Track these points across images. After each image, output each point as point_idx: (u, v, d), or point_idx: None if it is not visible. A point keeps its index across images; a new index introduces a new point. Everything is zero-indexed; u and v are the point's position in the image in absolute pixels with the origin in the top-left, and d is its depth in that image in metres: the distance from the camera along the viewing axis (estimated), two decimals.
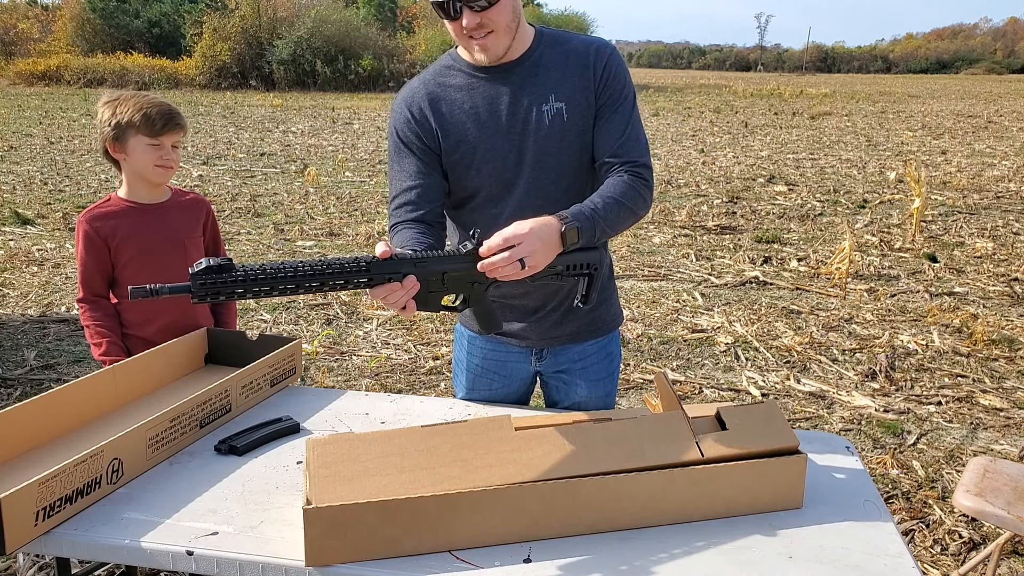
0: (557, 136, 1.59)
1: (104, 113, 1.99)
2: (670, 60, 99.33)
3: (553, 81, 1.58)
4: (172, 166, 2.03)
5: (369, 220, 7.47)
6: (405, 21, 36.12)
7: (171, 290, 1.18)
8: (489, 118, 1.60)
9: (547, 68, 1.59)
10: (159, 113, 1.97)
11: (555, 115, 1.58)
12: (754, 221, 7.63)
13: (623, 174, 1.57)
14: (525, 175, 1.61)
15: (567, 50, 1.60)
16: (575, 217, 1.42)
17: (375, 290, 1.31)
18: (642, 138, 1.63)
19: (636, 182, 1.57)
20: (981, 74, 65.64)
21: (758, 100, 26.22)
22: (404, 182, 1.62)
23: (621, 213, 1.52)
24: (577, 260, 1.49)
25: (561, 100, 1.58)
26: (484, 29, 1.49)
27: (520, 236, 1.34)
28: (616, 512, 1.33)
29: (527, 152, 1.60)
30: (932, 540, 2.65)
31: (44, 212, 7.62)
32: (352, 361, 4.15)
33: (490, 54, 1.54)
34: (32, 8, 39.69)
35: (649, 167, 1.60)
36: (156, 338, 2.00)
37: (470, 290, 1.43)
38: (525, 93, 1.58)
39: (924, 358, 4.22)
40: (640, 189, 1.57)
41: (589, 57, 1.59)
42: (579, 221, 1.42)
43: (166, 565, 1.29)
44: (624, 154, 1.59)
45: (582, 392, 1.84)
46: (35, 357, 4.11)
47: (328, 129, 15.61)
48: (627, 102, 1.61)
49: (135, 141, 1.97)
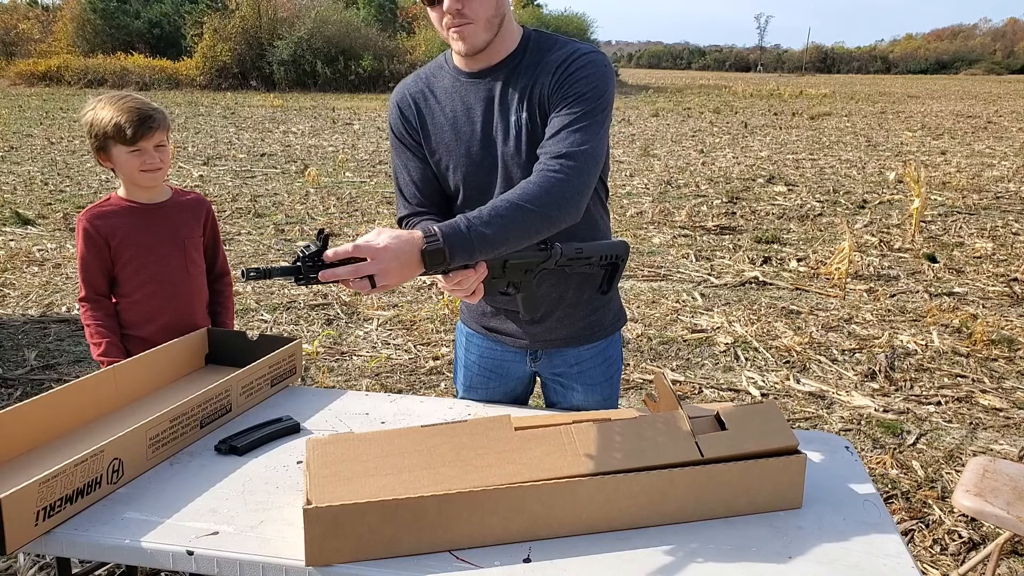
0: (524, 146, 1.56)
1: (85, 124, 1.99)
2: (670, 61, 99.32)
3: (522, 88, 1.55)
4: (159, 167, 2.01)
5: (370, 220, 7.47)
6: (405, 22, 36.11)
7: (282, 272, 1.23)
8: (465, 123, 1.60)
9: (522, 75, 1.55)
10: (129, 121, 1.92)
11: (522, 125, 1.55)
12: (754, 221, 7.63)
13: (534, 172, 1.42)
14: (498, 183, 1.61)
15: (546, 57, 1.54)
16: (446, 236, 1.28)
17: (450, 276, 1.36)
18: (583, 135, 1.43)
19: (543, 178, 1.38)
20: (980, 75, 65.66)
21: (758, 101, 26.22)
22: (404, 176, 1.70)
23: (518, 217, 1.34)
24: (606, 251, 1.61)
25: (528, 109, 1.54)
26: (464, 19, 1.47)
27: (374, 251, 1.23)
28: (616, 512, 1.33)
29: (498, 160, 1.60)
30: (932, 540, 2.65)
31: (45, 212, 7.63)
32: (352, 361, 4.15)
33: (467, 44, 1.50)
34: (33, 9, 39.67)
35: (571, 157, 1.40)
36: (155, 338, 2.00)
37: (523, 278, 1.53)
38: (499, 100, 1.57)
39: (924, 358, 4.22)
40: (550, 186, 1.37)
41: (558, 62, 1.51)
42: (449, 240, 1.28)
43: (166, 565, 1.29)
44: (548, 146, 1.44)
45: (579, 396, 1.84)
46: (36, 357, 4.11)
47: (328, 129, 15.61)
48: (581, 100, 1.45)
49: (116, 151, 1.96)
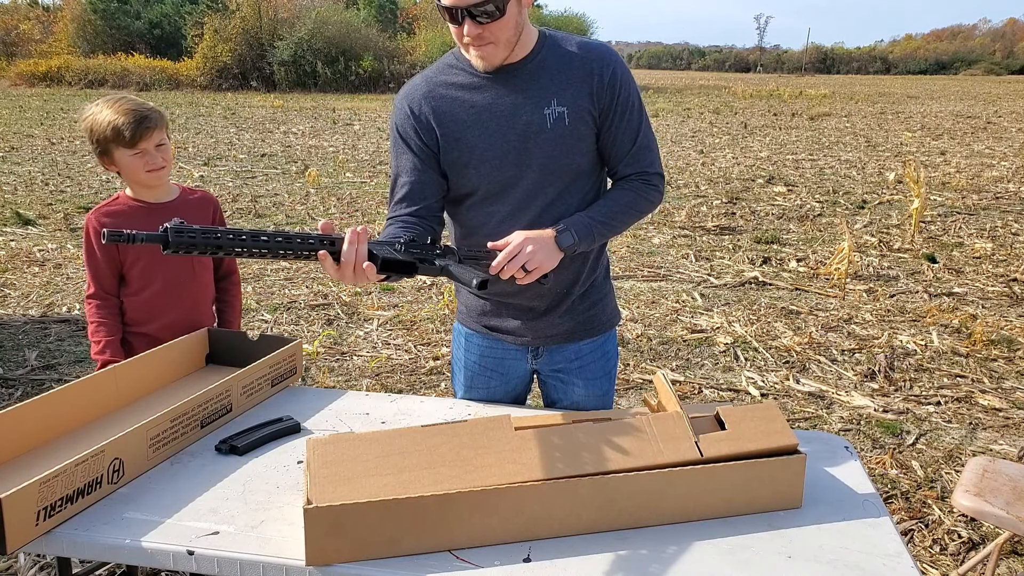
0: (559, 140, 1.60)
1: (85, 131, 1.99)
2: (670, 61, 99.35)
3: (556, 85, 1.59)
4: (162, 165, 2.02)
5: (370, 220, 7.47)
6: (405, 22, 36.12)
7: (147, 238, 1.22)
8: (490, 118, 1.61)
9: (550, 72, 1.60)
10: (127, 123, 1.93)
11: (557, 119, 1.59)
12: (753, 222, 7.64)
13: (635, 181, 1.68)
14: (528, 177, 1.62)
15: (570, 54, 1.61)
16: (571, 226, 1.57)
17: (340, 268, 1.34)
18: (653, 145, 1.70)
19: (644, 188, 1.68)
20: (980, 75, 65.65)
21: (757, 101, 26.23)
22: (402, 177, 1.68)
23: (626, 220, 1.67)
24: None
25: (563, 104, 1.59)
26: (484, 40, 1.51)
27: (519, 242, 1.48)
28: (616, 512, 1.33)
29: (530, 154, 1.61)
30: (931, 540, 2.65)
31: (45, 213, 7.63)
32: (353, 361, 4.16)
33: (487, 63, 1.57)
34: (33, 9, 39.68)
35: (661, 174, 1.70)
36: (161, 335, 2.01)
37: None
38: (527, 96, 1.59)
39: (923, 358, 4.23)
40: (647, 194, 1.68)
41: (593, 63, 1.60)
42: (575, 230, 1.57)
43: (167, 565, 1.29)
44: (635, 163, 1.67)
45: (579, 391, 1.85)
46: (36, 357, 4.11)
47: (329, 130, 15.62)
48: (634, 109, 1.65)
49: (119, 154, 1.97)
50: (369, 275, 1.34)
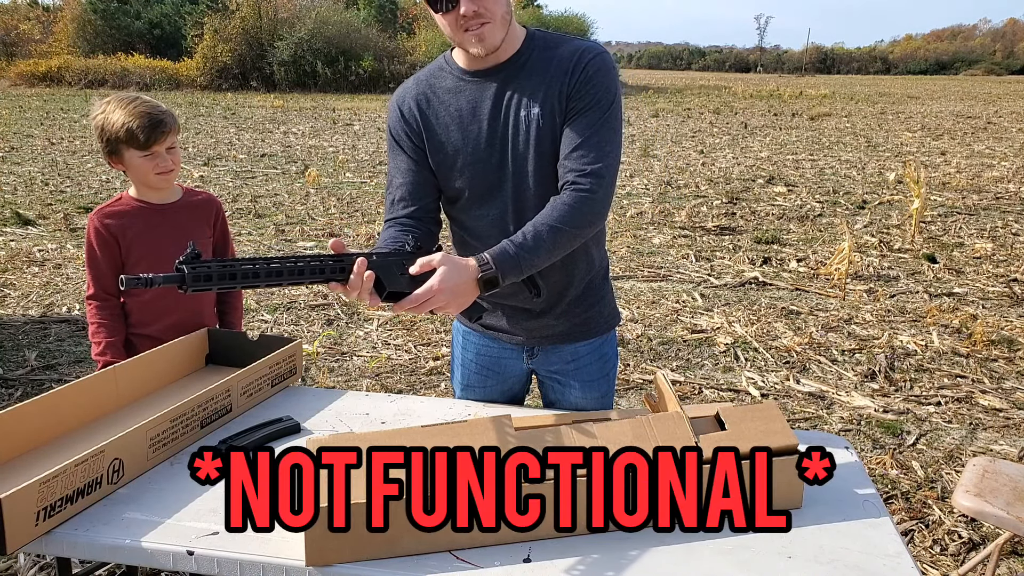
0: (534, 143, 1.57)
1: (95, 128, 1.99)
2: (670, 61, 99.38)
3: (533, 86, 1.56)
4: (172, 168, 2.02)
5: (370, 221, 7.47)
6: (405, 22, 36.11)
7: (165, 279, 1.23)
8: (472, 122, 1.60)
9: (530, 73, 1.57)
10: (141, 126, 1.93)
11: (532, 122, 1.56)
12: (753, 222, 7.64)
13: (565, 190, 1.53)
14: (509, 181, 1.61)
15: (554, 55, 1.57)
16: (497, 262, 1.45)
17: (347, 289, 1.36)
18: (605, 146, 1.53)
19: (576, 199, 1.51)
20: (980, 75, 65.68)
21: (757, 101, 26.23)
22: (397, 178, 1.68)
23: (558, 239, 1.50)
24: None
25: (540, 106, 1.55)
26: (480, 18, 1.48)
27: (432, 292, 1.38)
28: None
29: (508, 158, 1.60)
30: (931, 540, 2.65)
31: (45, 213, 7.63)
32: (352, 361, 4.16)
33: (487, 44, 1.51)
34: (33, 9, 39.63)
35: (599, 175, 1.51)
36: (163, 336, 2.01)
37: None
38: (507, 98, 1.58)
39: (923, 359, 4.23)
40: (583, 205, 1.51)
41: (572, 63, 1.54)
42: (500, 267, 1.45)
43: (167, 565, 1.29)
44: (573, 161, 1.53)
45: (576, 393, 1.84)
46: (36, 357, 4.11)
47: (329, 130, 15.62)
48: (597, 107, 1.53)
49: (129, 155, 1.97)
50: (374, 304, 1.40)
